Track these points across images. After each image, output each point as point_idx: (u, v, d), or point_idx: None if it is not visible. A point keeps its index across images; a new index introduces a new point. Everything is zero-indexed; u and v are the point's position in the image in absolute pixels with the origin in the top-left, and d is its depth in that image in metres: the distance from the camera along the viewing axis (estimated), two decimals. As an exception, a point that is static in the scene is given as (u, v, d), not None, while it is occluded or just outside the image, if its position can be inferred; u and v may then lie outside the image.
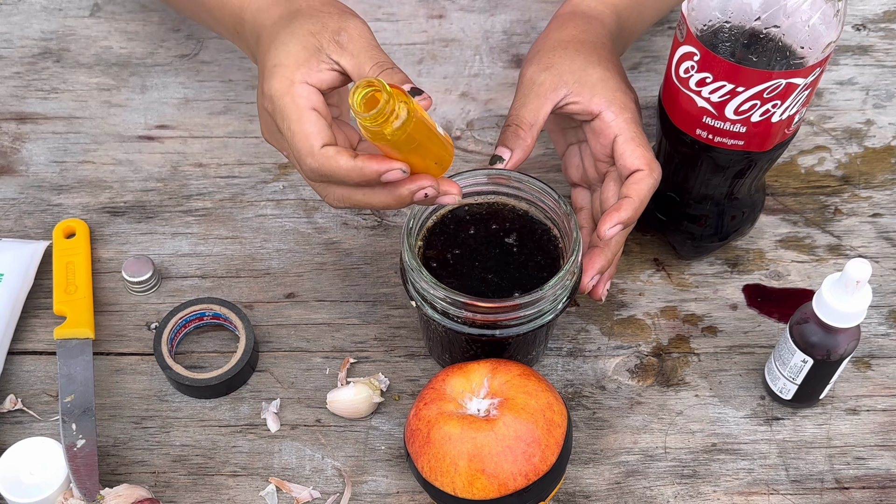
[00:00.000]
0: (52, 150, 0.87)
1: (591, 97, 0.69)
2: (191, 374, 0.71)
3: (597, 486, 0.69)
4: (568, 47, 0.71)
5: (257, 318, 0.77)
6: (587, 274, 0.69)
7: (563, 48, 0.71)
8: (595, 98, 0.69)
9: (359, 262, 0.80)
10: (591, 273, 0.69)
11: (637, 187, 0.67)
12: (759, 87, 0.63)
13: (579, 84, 0.69)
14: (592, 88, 0.69)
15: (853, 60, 0.93)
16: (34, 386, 0.73)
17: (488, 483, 0.61)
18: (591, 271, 0.69)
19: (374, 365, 0.75)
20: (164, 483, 0.69)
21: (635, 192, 0.67)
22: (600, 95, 0.69)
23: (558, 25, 0.74)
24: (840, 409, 0.72)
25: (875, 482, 0.69)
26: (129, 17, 0.97)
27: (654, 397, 0.73)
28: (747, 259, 0.80)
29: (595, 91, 0.69)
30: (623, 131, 0.68)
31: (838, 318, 0.64)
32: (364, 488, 0.69)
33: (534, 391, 0.63)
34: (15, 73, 0.92)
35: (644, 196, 0.68)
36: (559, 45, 0.72)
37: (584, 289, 0.69)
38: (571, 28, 0.73)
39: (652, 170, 0.68)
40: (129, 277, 0.77)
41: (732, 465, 0.70)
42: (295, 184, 0.85)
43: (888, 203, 0.83)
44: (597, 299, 0.71)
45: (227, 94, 0.91)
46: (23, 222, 0.82)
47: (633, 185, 0.68)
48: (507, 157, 0.68)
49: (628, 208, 0.67)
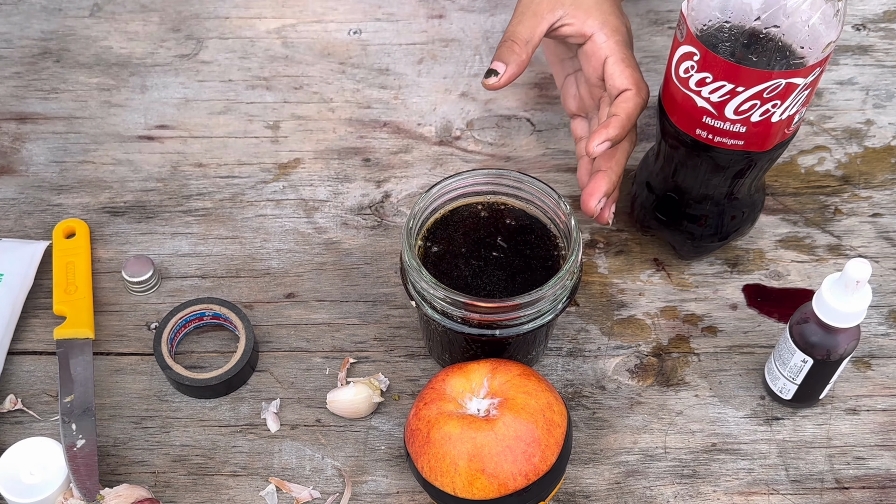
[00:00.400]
0: (52, 150, 0.87)
1: (586, 19, 0.72)
2: (191, 374, 0.71)
3: (597, 486, 0.69)
4: None
5: (257, 318, 0.77)
6: (593, 197, 0.71)
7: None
8: (589, 20, 0.72)
9: (359, 262, 0.80)
10: (596, 196, 0.71)
11: (625, 105, 0.69)
12: (759, 87, 0.63)
13: (574, 6, 0.72)
14: (587, 11, 0.72)
15: (853, 60, 0.93)
16: (34, 386, 0.73)
17: (488, 483, 0.61)
18: (598, 194, 0.71)
19: (374, 365, 0.75)
20: (164, 483, 0.69)
21: (623, 110, 0.69)
22: (594, 17, 0.72)
23: None
24: (840, 409, 0.72)
25: (875, 482, 0.69)
26: (129, 17, 0.97)
27: (654, 397, 0.73)
28: (747, 259, 0.80)
29: (589, 13, 0.72)
30: (613, 53, 0.71)
31: (838, 318, 0.64)
32: (364, 488, 0.69)
33: (534, 391, 0.63)
34: (15, 73, 0.92)
35: (631, 114, 0.69)
36: None
37: (591, 213, 0.72)
38: None
39: (640, 89, 0.70)
40: (129, 277, 0.77)
41: (732, 465, 0.70)
42: (295, 184, 0.85)
43: (888, 203, 0.83)
44: (604, 223, 0.74)
45: (227, 94, 0.91)
46: (23, 222, 0.82)
47: (620, 104, 0.70)
48: (503, 70, 0.71)
49: (616, 125, 0.69)
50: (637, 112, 0.70)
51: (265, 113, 0.90)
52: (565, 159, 0.86)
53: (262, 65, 0.93)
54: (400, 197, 0.84)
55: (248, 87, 0.92)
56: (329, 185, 0.85)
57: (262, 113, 0.90)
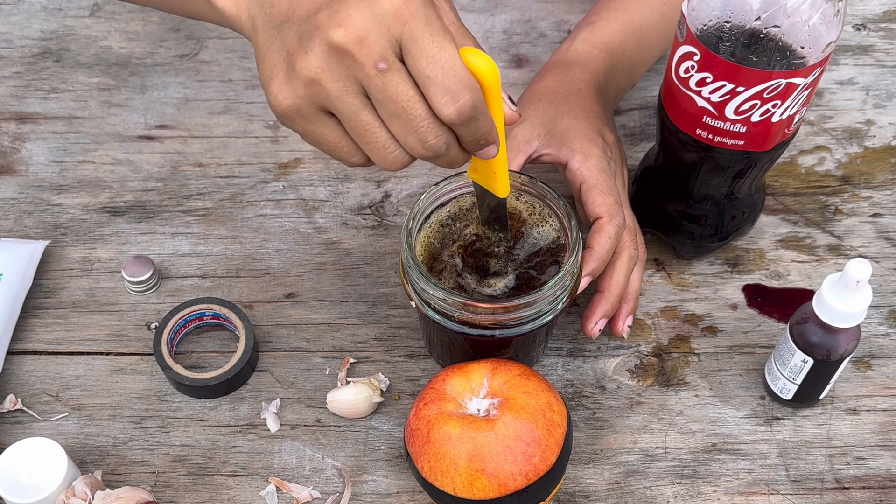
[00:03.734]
0: (52, 150, 0.87)
1: (560, 147, 0.72)
2: (191, 374, 0.71)
3: (597, 486, 0.69)
4: (542, 99, 0.74)
5: (257, 318, 0.77)
6: (589, 321, 0.70)
7: (537, 100, 0.74)
8: (563, 148, 0.72)
9: (359, 262, 0.80)
10: (593, 319, 0.70)
11: (597, 237, 0.68)
12: (759, 87, 0.63)
13: (549, 135, 0.72)
14: (560, 138, 0.72)
15: (853, 60, 0.93)
16: (34, 386, 0.73)
17: (488, 483, 0.61)
18: (594, 317, 0.70)
19: (373, 365, 0.75)
20: (164, 483, 0.69)
21: (596, 243, 0.68)
22: (567, 145, 0.71)
23: (539, 77, 0.78)
24: (840, 409, 0.72)
25: (875, 482, 0.69)
26: (129, 16, 0.97)
27: (654, 397, 0.73)
28: (747, 259, 0.80)
29: (563, 141, 0.72)
30: (586, 179, 0.70)
31: (838, 318, 0.64)
32: (364, 488, 0.69)
33: (534, 391, 0.63)
34: (15, 72, 0.92)
35: (605, 245, 0.68)
36: (534, 97, 0.75)
37: (590, 336, 0.71)
38: (549, 79, 0.76)
39: (612, 216, 0.69)
40: (129, 277, 0.77)
41: (732, 465, 0.70)
42: (295, 184, 0.85)
43: (888, 203, 0.83)
44: (618, 336, 0.73)
45: (227, 93, 0.91)
46: (23, 222, 0.82)
47: (594, 235, 0.69)
48: None
49: (592, 260, 0.68)
50: (611, 240, 0.68)
51: (265, 113, 0.90)
52: (565, 159, 0.86)
53: (262, 65, 0.93)
54: (400, 197, 0.84)
55: (248, 86, 0.92)
56: (329, 185, 0.85)
57: (262, 113, 0.90)
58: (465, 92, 0.52)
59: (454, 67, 0.52)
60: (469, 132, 0.54)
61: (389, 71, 0.52)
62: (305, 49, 0.53)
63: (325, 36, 0.52)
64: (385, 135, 0.54)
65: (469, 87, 0.52)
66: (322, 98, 0.54)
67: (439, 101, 0.52)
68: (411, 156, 0.56)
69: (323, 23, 0.52)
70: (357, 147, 0.56)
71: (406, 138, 0.54)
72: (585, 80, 0.76)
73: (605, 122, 0.74)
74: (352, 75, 0.52)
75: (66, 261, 0.80)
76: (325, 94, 0.53)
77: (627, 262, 0.71)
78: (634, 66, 0.81)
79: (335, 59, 0.52)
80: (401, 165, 0.56)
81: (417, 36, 0.52)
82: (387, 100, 0.53)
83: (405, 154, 0.55)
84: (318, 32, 0.52)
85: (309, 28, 0.53)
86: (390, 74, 0.52)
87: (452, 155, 0.56)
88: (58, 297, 0.78)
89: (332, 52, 0.52)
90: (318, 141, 0.56)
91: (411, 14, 0.52)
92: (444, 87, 0.52)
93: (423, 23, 0.52)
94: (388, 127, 0.54)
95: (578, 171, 0.70)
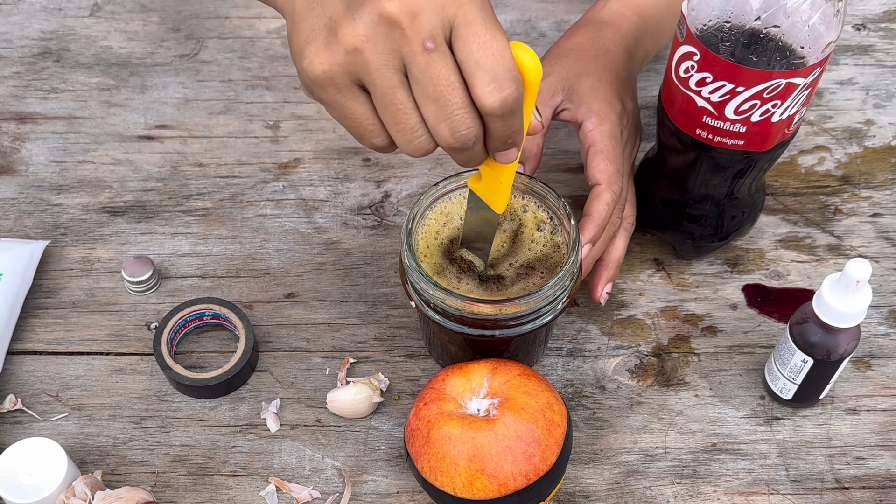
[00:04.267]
0: (52, 150, 0.87)
1: (579, 106, 0.72)
2: (191, 374, 0.71)
3: (597, 486, 0.69)
4: (570, 55, 0.74)
5: (257, 318, 0.77)
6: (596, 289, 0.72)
7: (565, 56, 0.74)
8: (582, 107, 0.72)
9: (359, 262, 0.80)
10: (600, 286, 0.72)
11: (595, 203, 0.69)
12: (759, 87, 0.63)
13: (571, 91, 0.72)
14: (581, 97, 0.72)
15: (853, 60, 0.93)
16: (34, 386, 0.73)
17: (488, 483, 0.61)
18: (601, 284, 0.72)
19: (373, 365, 0.75)
20: (164, 483, 0.69)
21: (594, 209, 0.69)
22: (586, 105, 0.71)
23: (569, 33, 0.77)
24: (840, 409, 0.72)
25: (875, 482, 0.69)
26: (129, 17, 0.97)
27: (654, 397, 0.73)
28: (747, 259, 0.80)
29: (583, 100, 0.72)
30: (595, 143, 0.70)
31: (838, 317, 0.64)
32: (364, 488, 0.69)
33: (534, 391, 0.63)
34: (15, 72, 0.92)
35: (602, 211, 0.69)
36: (563, 52, 0.74)
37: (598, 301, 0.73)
38: (580, 35, 0.76)
39: (610, 183, 0.69)
40: (129, 277, 0.77)
41: (732, 465, 0.70)
42: (295, 184, 0.85)
43: (888, 203, 0.83)
44: (595, 302, 0.74)
45: (227, 93, 0.91)
46: (22, 222, 0.82)
47: (592, 202, 0.69)
48: (523, 170, 0.72)
49: (590, 227, 0.68)
50: (607, 208, 0.69)
51: (265, 113, 0.90)
52: (565, 159, 0.86)
53: (262, 64, 0.93)
54: (400, 197, 0.84)
55: (248, 86, 0.92)
56: (329, 185, 0.85)
57: (262, 113, 0.90)
58: (512, 83, 0.52)
59: (505, 57, 0.51)
60: (503, 127, 0.53)
61: (436, 51, 0.51)
62: (353, 16, 0.51)
63: (378, 5, 0.51)
64: (416, 117, 0.53)
65: (515, 80, 0.52)
66: (360, 69, 0.52)
67: (484, 88, 0.51)
68: (436, 143, 0.55)
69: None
70: (382, 128, 0.55)
71: (438, 124, 0.53)
72: (616, 43, 0.75)
73: (627, 88, 0.74)
74: (396, 49, 0.51)
75: (66, 261, 0.80)
76: (364, 64, 0.52)
77: (629, 230, 0.72)
78: (662, 34, 0.80)
79: (383, 30, 0.51)
80: (424, 152, 0.55)
81: (471, 20, 0.51)
82: (427, 81, 0.52)
83: (431, 141, 0.54)
84: (370, 1, 0.51)
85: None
86: (436, 55, 0.51)
87: (475, 150, 0.55)
88: (58, 297, 0.78)
89: (382, 22, 0.51)
90: (345, 115, 0.55)
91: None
92: (493, 75, 0.51)
93: (478, 8, 0.51)
94: (422, 110, 0.53)
95: (590, 134, 0.70)
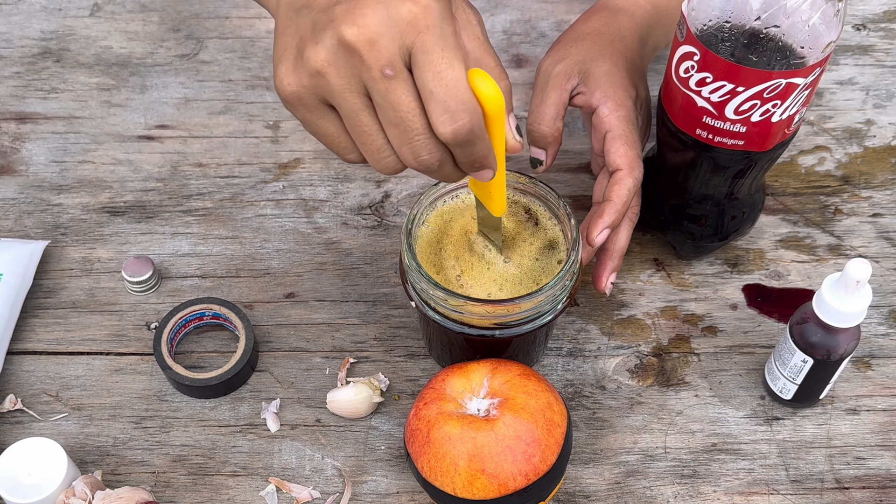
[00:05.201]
0: (52, 150, 0.87)
1: (594, 90, 0.71)
2: (191, 374, 0.71)
3: (597, 486, 0.69)
4: (585, 39, 0.74)
5: (257, 318, 0.77)
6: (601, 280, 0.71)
7: (581, 40, 0.74)
8: (597, 92, 0.71)
9: (359, 262, 0.80)
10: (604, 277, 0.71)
11: (617, 188, 0.69)
12: (759, 87, 0.63)
13: (587, 75, 0.72)
14: (597, 81, 0.71)
15: (853, 60, 0.93)
16: (34, 386, 0.73)
17: (488, 483, 0.61)
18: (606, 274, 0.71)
19: (373, 365, 0.75)
20: (164, 483, 0.69)
21: (616, 195, 0.69)
22: (602, 90, 0.71)
23: (584, 18, 0.77)
24: (840, 409, 0.72)
25: (875, 482, 0.69)
26: (129, 17, 0.97)
27: (654, 397, 0.73)
28: (747, 259, 0.80)
29: (598, 84, 0.71)
30: (613, 128, 0.70)
31: (838, 318, 0.64)
32: (364, 488, 0.69)
33: (534, 391, 0.63)
34: (15, 72, 0.92)
35: (624, 197, 0.69)
36: (578, 36, 0.74)
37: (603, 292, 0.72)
38: (595, 20, 0.76)
39: (632, 169, 0.69)
40: (129, 277, 0.77)
41: (732, 465, 0.70)
42: (295, 184, 0.85)
43: (888, 203, 0.83)
44: (601, 292, 0.73)
45: (227, 93, 0.91)
46: (23, 222, 0.82)
47: (613, 187, 0.69)
48: (544, 156, 0.72)
49: (611, 212, 0.68)
50: (629, 193, 0.69)
51: (265, 113, 0.90)
52: (565, 159, 0.86)
53: (262, 64, 0.93)
54: (400, 197, 0.84)
55: (248, 86, 0.92)
56: (329, 185, 0.85)
57: (262, 113, 0.90)
58: (465, 115, 0.52)
59: (458, 87, 0.51)
60: (464, 154, 0.54)
61: (395, 78, 0.51)
62: (316, 39, 0.52)
63: (338, 30, 0.51)
64: (382, 139, 0.54)
65: (469, 111, 0.52)
66: (325, 91, 0.53)
67: (438, 118, 0.52)
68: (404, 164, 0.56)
69: (338, 16, 0.51)
70: (354, 145, 0.56)
71: (400, 148, 0.54)
72: (631, 30, 0.75)
73: (640, 75, 0.74)
74: (357, 75, 0.52)
75: (66, 261, 0.80)
76: (328, 87, 0.53)
77: (633, 220, 0.72)
78: (673, 26, 0.80)
79: (343, 56, 0.52)
80: (394, 171, 0.56)
81: (428, 48, 0.51)
82: (387, 106, 0.52)
83: (399, 161, 0.55)
84: (332, 25, 0.52)
85: (324, 19, 0.52)
86: (395, 82, 0.51)
87: (446, 172, 0.56)
88: (58, 297, 0.78)
89: (342, 48, 0.51)
90: (317, 132, 0.56)
91: (426, 25, 0.51)
92: (445, 106, 0.51)
93: (436, 36, 0.51)
94: (386, 132, 0.54)
95: (607, 119, 0.70)
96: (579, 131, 0.88)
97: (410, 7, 0.51)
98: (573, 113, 0.89)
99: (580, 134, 0.88)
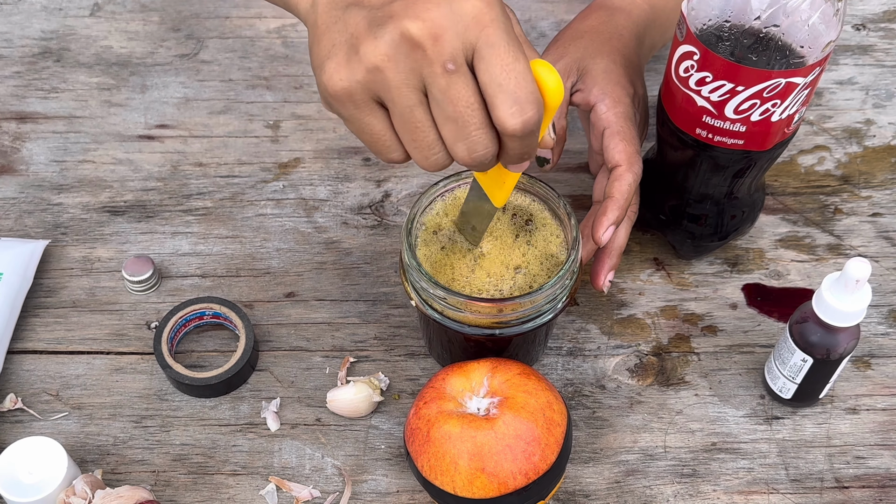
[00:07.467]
0: (53, 150, 0.87)
1: (592, 87, 0.71)
2: (191, 374, 0.71)
3: (597, 486, 0.69)
4: (583, 37, 0.74)
5: (257, 318, 0.77)
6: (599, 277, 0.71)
7: (578, 38, 0.74)
8: (595, 89, 0.71)
9: (359, 262, 0.80)
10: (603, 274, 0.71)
11: (618, 185, 0.69)
12: (759, 87, 0.63)
13: (584, 72, 0.72)
14: (594, 79, 0.71)
15: (853, 60, 0.93)
16: (34, 385, 0.73)
17: (488, 482, 0.61)
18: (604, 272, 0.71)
19: (373, 364, 0.75)
20: (164, 482, 0.69)
21: (617, 191, 0.69)
22: (599, 87, 0.71)
23: (582, 16, 0.77)
24: (840, 408, 0.72)
25: (875, 481, 0.69)
26: (129, 16, 0.97)
27: (653, 397, 0.73)
28: (747, 258, 0.80)
29: (596, 82, 0.71)
30: (611, 125, 0.70)
31: (838, 317, 0.64)
32: (364, 487, 0.69)
33: (534, 390, 0.63)
34: (15, 72, 0.92)
35: (625, 193, 0.69)
36: (576, 34, 0.75)
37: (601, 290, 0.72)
38: (592, 19, 0.76)
39: (631, 164, 0.69)
40: (129, 277, 0.77)
41: (732, 465, 0.70)
42: (295, 183, 0.85)
43: (888, 203, 0.83)
44: (598, 290, 0.73)
45: (227, 93, 0.91)
46: (23, 222, 0.82)
47: (614, 184, 0.69)
48: (550, 155, 0.72)
49: (614, 208, 0.69)
50: (630, 189, 0.69)
51: (265, 112, 0.90)
52: (565, 159, 0.86)
53: (263, 64, 0.93)
54: (400, 196, 0.84)
55: (248, 86, 0.92)
56: (329, 185, 0.85)
57: (262, 112, 0.90)
58: (533, 106, 0.52)
59: (528, 79, 0.51)
60: (521, 146, 0.54)
61: (456, 73, 0.51)
62: (376, 35, 0.52)
63: (401, 25, 0.51)
64: (434, 135, 0.54)
65: (536, 102, 0.52)
66: (380, 87, 0.53)
67: (507, 110, 0.51)
68: (452, 159, 0.55)
69: (398, 12, 0.51)
70: (399, 143, 0.56)
71: (455, 143, 0.53)
72: (628, 28, 0.75)
73: (638, 73, 0.74)
74: (417, 70, 0.51)
75: (67, 260, 0.80)
76: (384, 83, 0.52)
77: (632, 218, 0.72)
78: (670, 26, 0.80)
79: (405, 51, 0.51)
80: (440, 168, 0.55)
81: (494, 42, 0.51)
82: (447, 101, 0.52)
83: (448, 157, 0.55)
84: (393, 21, 0.51)
85: (382, 15, 0.52)
86: (456, 76, 0.51)
87: (489, 164, 0.56)
88: (58, 296, 0.78)
89: (404, 42, 0.51)
90: (362, 129, 0.55)
91: (491, 20, 0.51)
92: (515, 98, 0.51)
93: (501, 30, 0.51)
94: (440, 129, 0.53)
95: (605, 116, 0.70)
96: (579, 131, 0.88)
97: (475, 2, 0.51)
98: (572, 113, 0.89)
99: (580, 134, 0.88)
